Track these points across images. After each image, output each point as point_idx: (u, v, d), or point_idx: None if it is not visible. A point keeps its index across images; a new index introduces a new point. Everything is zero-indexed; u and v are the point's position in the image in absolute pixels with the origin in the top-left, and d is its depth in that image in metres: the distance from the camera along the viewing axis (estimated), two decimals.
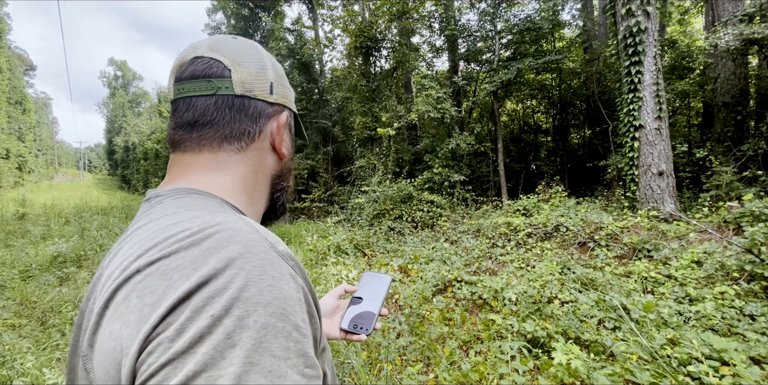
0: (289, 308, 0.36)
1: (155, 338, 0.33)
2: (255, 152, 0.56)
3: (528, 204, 6.69)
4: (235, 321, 0.33)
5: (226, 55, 0.54)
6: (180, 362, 0.31)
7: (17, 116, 32.84)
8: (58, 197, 16.93)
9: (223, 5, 21.22)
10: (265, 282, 0.36)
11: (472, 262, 4.82)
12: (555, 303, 3.14)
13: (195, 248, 0.38)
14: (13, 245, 6.14)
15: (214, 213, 0.45)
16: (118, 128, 51.89)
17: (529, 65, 8.73)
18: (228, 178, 0.54)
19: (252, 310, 0.34)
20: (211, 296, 0.34)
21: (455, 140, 8.64)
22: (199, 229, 0.40)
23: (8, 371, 2.31)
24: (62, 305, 3.49)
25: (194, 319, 0.33)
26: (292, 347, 0.35)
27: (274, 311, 0.35)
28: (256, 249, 0.38)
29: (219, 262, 0.36)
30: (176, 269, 0.36)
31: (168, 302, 0.34)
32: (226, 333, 0.32)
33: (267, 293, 0.35)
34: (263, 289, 0.35)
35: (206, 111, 0.53)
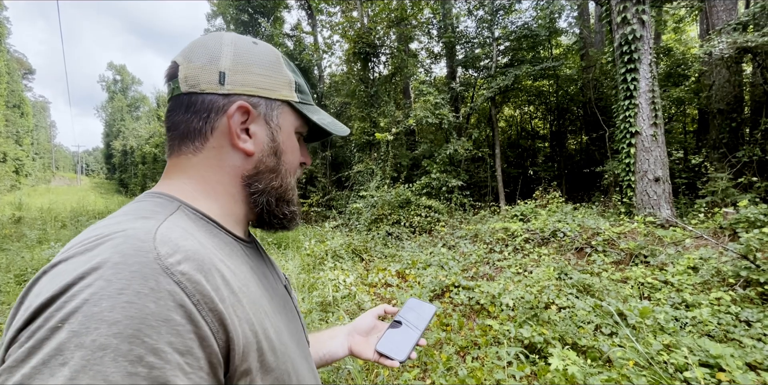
0: (147, 329, 0.32)
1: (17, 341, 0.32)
2: (213, 152, 0.52)
3: (525, 209, 6.71)
4: (71, 337, 0.31)
5: (182, 53, 0.52)
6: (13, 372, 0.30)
7: (15, 120, 32.79)
8: (54, 201, 16.86)
9: (223, 11, 21.34)
10: (123, 298, 0.33)
11: (469, 267, 4.82)
12: (552, 309, 3.14)
13: (86, 254, 0.36)
14: (8, 248, 6.11)
15: (140, 219, 0.42)
16: (117, 132, 51.86)
17: (526, 72, 8.81)
18: (188, 181, 0.52)
19: (93, 327, 0.31)
20: (62, 306, 0.32)
21: (453, 146, 8.68)
22: (106, 234, 0.38)
23: None
24: None
25: (41, 328, 0.32)
26: (142, 372, 0.31)
27: (120, 332, 0.31)
28: (133, 259, 0.35)
29: (85, 269, 0.34)
30: (61, 272, 0.35)
31: (34, 307, 0.33)
32: (58, 349, 0.30)
33: (119, 311, 0.32)
34: (116, 305, 0.32)
35: (169, 115, 0.53)
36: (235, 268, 0.47)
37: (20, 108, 35.26)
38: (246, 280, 0.48)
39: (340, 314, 3.49)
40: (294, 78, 0.58)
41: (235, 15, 20.29)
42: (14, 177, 28.91)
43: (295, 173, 0.61)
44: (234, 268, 0.47)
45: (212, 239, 0.48)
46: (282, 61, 0.58)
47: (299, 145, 0.61)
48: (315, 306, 3.70)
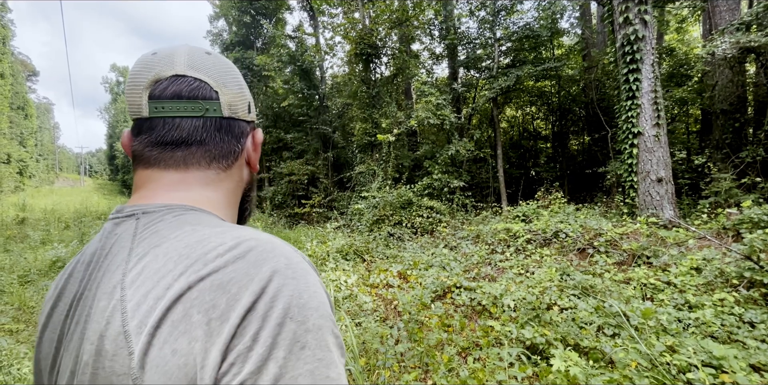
0: (329, 309, 0.42)
1: (233, 349, 0.36)
2: (237, 169, 0.60)
3: (527, 210, 6.69)
4: (298, 325, 0.38)
5: (210, 75, 0.55)
6: (264, 367, 0.35)
7: (19, 121, 32.98)
8: (58, 202, 16.94)
9: (225, 12, 21.43)
10: (311, 289, 0.41)
11: (471, 268, 4.81)
12: (554, 310, 3.13)
13: (242, 261, 0.41)
14: (12, 249, 6.14)
15: (234, 228, 0.48)
16: (120, 134, 52.03)
17: (528, 72, 8.80)
18: (217, 194, 0.57)
19: (309, 315, 0.39)
20: (272, 306, 0.38)
21: (455, 146, 8.67)
22: (236, 243, 0.43)
23: (5, 376, 2.30)
24: None
25: (264, 327, 0.37)
26: (338, 340, 0.41)
27: (323, 314, 0.40)
28: (296, 260, 0.43)
29: (271, 273, 0.40)
30: (231, 281, 0.39)
31: (236, 314, 0.37)
32: (293, 338, 0.37)
33: (314, 299, 0.40)
34: (311, 296, 0.40)
35: (194, 132, 0.54)
36: None
37: (24, 110, 35.47)
38: None
39: (341, 314, 3.48)
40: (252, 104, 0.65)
41: (237, 16, 20.38)
42: (18, 178, 29.06)
43: None
44: None
45: None
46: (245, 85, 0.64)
47: None
48: None
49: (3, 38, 27.94)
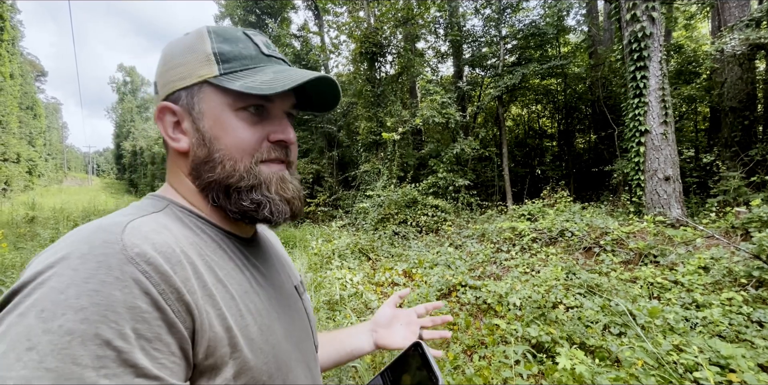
0: (113, 315, 0.34)
1: None
2: (170, 159, 0.55)
3: (533, 209, 6.67)
4: (38, 323, 0.32)
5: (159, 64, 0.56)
6: None
7: (28, 121, 33.39)
8: (66, 201, 17.16)
9: (231, 12, 21.50)
10: (89, 286, 0.34)
11: (476, 267, 4.81)
12: (560, 308, 3.13)
13: (60, 244, 0.38)
14: (23, 247, 6.23)
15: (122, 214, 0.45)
16: (127, 133, 52.56)
17: (533, 70, 8.76)
18: (168, 186, 0.55)
19: (60, 313, 0.32)
20: (28, 293, 0.34)
21: (460, 145, 8.65)
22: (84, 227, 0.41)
23: None
24: None
25: (9, 313, 0.33)
26: (111, 355, 0.33)
27: (87, 318, 0.33)
28: (99, 251, 0.37)
29: (53, 258, 0.36)
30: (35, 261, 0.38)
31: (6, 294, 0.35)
32: (26, 334, 0.31)
33: (85, 298, 0.33)
34: (83, 292, 0.33)
35: None
36: (218, 263, 0.48)
37: (33, 110, 35.90)
38: (227, 276, 0.48)
39: (347, 312, 3.50)
40: (216, 48, 0.50)
41: (242, 16, 20.43)
42: (27, 177, 29.44)
43: (252, 154, 0.51)
44: (216, 263, 0.48)
45: (197, 235, 0.49)
46: (205, 36, 0.52)
47: (256, 120, 0.52)
48: (322, 305, 3.72)
49: (12, 39, 28.27)
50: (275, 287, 0.57)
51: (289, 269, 0.67)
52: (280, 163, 0.55)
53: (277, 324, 0.52)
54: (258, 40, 0.54)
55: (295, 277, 0.68)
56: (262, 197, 0.52)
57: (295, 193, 0.55)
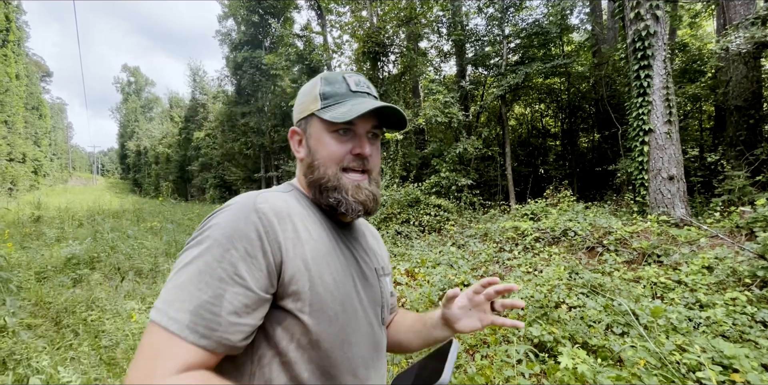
0: (236, 235, 0.59)
1: None
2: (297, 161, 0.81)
3: (536, 208, 6.65)
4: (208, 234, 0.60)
5: None
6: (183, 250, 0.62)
7: (33, 121, 33.60)
8: (72, 200, 17.27)
9: (234, 12, 21.53)
10: (229, 218, 0.62)
11: (479, 266, 4.81)
12: (562, 308, 3.12)
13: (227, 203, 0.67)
14: (29, 246, 6.29)
15: (263, 190, 0.72)
16: (131, 133, 52.82)
17: (537, 69, 8.73)
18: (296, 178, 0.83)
19: (216, 230, 0.60)
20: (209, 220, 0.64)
21: (463, 144, 8.64)
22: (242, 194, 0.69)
23: (24, 369, 2.37)
24: (75, 306, 3.57)
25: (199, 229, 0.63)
26: (227, 257, 0.58)
27: (224, 234, 0.59)
28: (242, 205, 0.64)
29: (222, 208, 0.65)
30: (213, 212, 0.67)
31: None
32: (199, 239, 0.60)
33: (227, 222, 0.61)
34: (227, 223, 0.61)
35: None
36: (311, 228, 0.70)
37: (38, 110, 36.10)
38: (318, 238, 0.69)
39: None
40: (321, 90, 0.74)
41: (246, 16, 20.48)
42: (33, 177, 29.63)
43: (338, 163, 0.73)
44: (309, 227, 0.69)
45: (305, 209, 0.72)
46: (318, 82, 0.76)
47: (344, 139, 0.73)
48: None
49: (18, 40, 28.44)
50: (357, 260, 0.77)
51: (374, 255, 0.85)
52: (362, 173, 0.75)
53: (348, 282, 0.71)
54: (351, 81, 0.76)
55: (379, 261, 0.85)
56: (341, 197, 0.72)
57: (369, 197, 0.74)
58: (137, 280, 4.59)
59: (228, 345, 0.56)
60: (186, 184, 30.51)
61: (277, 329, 0.63)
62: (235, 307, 0.56)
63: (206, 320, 0.54)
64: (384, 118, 0.77)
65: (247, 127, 20.11)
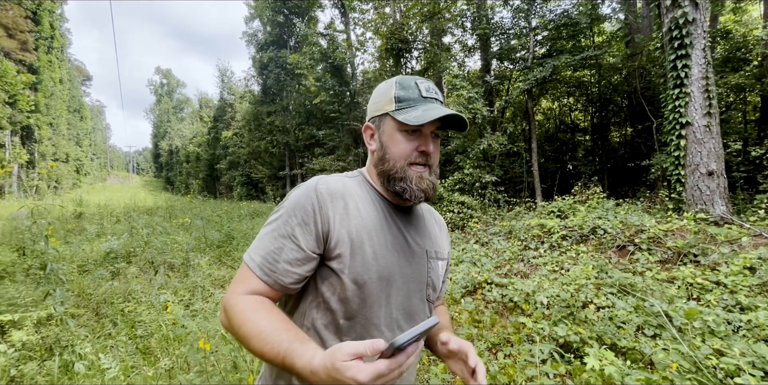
0: (298, 207, 0.80)
1: None
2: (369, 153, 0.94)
3: (563, 206, 6.46)
4: (282, 203, 0.83)
5: None
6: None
7: (75, 123, 35.54)
8: (110, 198, 18.19)
9: (260, 13, 21.95)
10: (298, 193, 0.82)
11: (503, 264, 4.73)
12: (590, 308, 3.03)
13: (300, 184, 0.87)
14: (72, 241, 6.68)
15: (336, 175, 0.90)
16: (163, 133, 54.99)
17: (565, 62, 8.44)
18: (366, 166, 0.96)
19: (287, 203, 0.82)
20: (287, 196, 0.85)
21: (487, 141, 8.49)
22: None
23: (69, 355, 2.53)
24: (114, 297, 3.77)
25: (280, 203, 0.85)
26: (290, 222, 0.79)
27: (291, 205, 0.81)
28: (307, 185, 0.83)
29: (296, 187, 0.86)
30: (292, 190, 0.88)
31: None
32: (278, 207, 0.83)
33: (293, 199, 0.81)
34: (295, 198, 0.82)
35: None
36: (362, 207, 0.84)
37: (80, 112, 38.13)
38: (366, 216, 0.83)
39: None
40: (396, 94, 0.85)
41: (271, 16, 20.84)
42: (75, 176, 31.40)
43: (406, 159, 0.84)
44: (361, 206, 0.84)
45: (363, 192, 0.88)
46: (394, 85, 0.87)
47: (412, 138, 0.84)
48: None
49: (61, 46, 30.08)
50: (406, 239, 0.88)
51: (429, 238, 0.95)
52: (424, 166, 0.86)
53: (391, 256, 0.83)
54: (422, 87, 0.86)
55: (434, 245, 0.95)
56: (406, 186, 0.84)
57: (429, 186, 0.86)
58: (169, 274, 4.80)
59: (282, 285, 0.78)
60: (215, 182, 31.51)
61: (324, 282, 0.81)
62: (289, 258, 0.77)
63: (270, 263, 0.78)
64: (447, 121, 0.85)
65: (273, 126, 20.52)
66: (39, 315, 2.92)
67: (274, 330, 0.68)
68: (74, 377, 2.30)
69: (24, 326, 2.79)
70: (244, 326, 0.71)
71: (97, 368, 2.37)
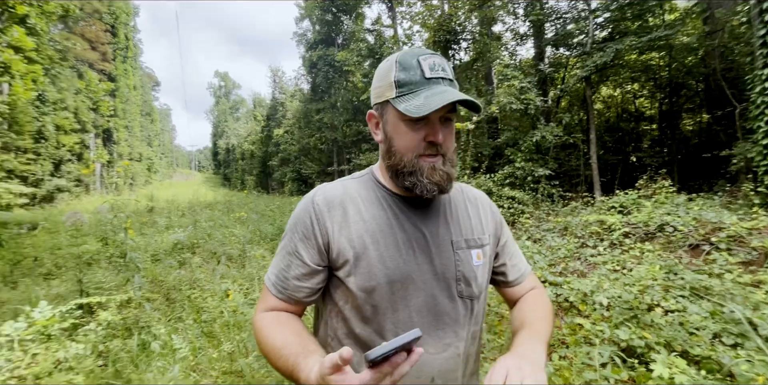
0: (298, 222, 0.81)
1: None
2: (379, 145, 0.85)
3: (626, 200, 6.01)
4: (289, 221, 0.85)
5: None
6: None
7: (147, 125, 39.02)
8: (176, 193, 19.80)
9: (309, 13, 22.54)
10: (298, 208, 0.83)
11: (557, 262, 4.51)
12: (657, 311, 2.79)
13: None
14: (146, 233, 7.38)
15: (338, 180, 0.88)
16: (221, 132, 58.63)
17: (630, 45, 7.75)
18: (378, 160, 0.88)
19: (290, 218, 0.84)
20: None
21: (540, 132, 8.09)
22: None
23: (146, 335, 2.81)
24: (182, 284, 4.11)
25: None
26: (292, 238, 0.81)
27: (292, 222, 0.83)
28: (305, 198, 0.84)
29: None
30: None
31: None
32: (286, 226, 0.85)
33: (295, 212, 0.83)
34: (296, 210, 0.84)
35: None
36: (365, 210, 0.80)
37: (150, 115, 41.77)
38: (369, 219, 0.79)
39: None
40: (396, 77, 0.74)
41: (320, 16, 21.34)
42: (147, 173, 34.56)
43: (414, 151, 0.75)
44: (363, 210, 0.80)
45: (368, 191, 0.83)
46: (393, 66, 0.75)
47: (417, 126, 0.74)
48: None
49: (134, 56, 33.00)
50: (424, 234, 0.81)
51: (457, 227, 0.85)
52: (436, 156, 0.76)
53: (404, 256, 0.78)
54: (425, 65, 0.73)
55: (463, 234, 0.85)
56: (416, 180, 0.75)
57: (443, 177, 0.76)
58: (228, 264, 5.13)
59: (296, 299, 0.80)
60: (267, 178, 33.11)
61: (337, 291, 0.81)
62: (297, 274, 0.79)
63: (281, 280, 0.81)
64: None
65: (321, 123, 21.10)
66: (121, 298, 3.26)
67: (285, 345, 0.70)
68: (150, 355, 2.55)
69: (109, 307, 3.14)
70: (261, 343, 0.76)
71: (170, 348, 2.60)
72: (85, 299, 3.08)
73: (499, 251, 0.94)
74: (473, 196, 0.97)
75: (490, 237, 0.90)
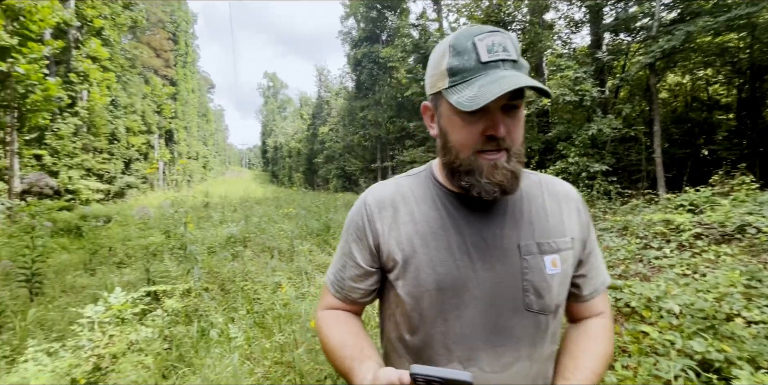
0: (351, 224, 0.81)
1: None
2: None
3: (697, 198, 5.47)
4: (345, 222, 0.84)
5: None
6: None
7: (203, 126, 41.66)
8: (228, 190, 20.96)
9: (354, 11, 22.79)
10: (352, 209, 0.82)
11: (616, 264, 4.21)
12: (737, 321, 2.51)
13: None
14: (202, 227, 7.88)
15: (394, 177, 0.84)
16: (270, 131, 61.17)
17: (703, 26, 7.01)
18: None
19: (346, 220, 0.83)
20: None
21: (597, 125, 7.58)
22: None
23: (204, 323, 2.99)
24: (235, 276, 4.34)
25: None
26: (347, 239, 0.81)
27: (347, 223, 0.82)
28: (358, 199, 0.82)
29: None
30: None
31: None
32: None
33: (350, 214, 0.83)
34: (350, 211, 0.83)
35: None
36: (418, 211, 0.75)
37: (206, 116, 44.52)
38: (421, 220, 0.74)
39: None
40: (448, 65, 0.64)
41: (365, 13, 21.51)
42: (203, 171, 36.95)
43: (471, 147, 0.66)
44: (416, 210, 0.75)
45: (424, 189, 0.78)
46: (447, 52, 0.65)
47: (474, 119, 0.64)
48: None
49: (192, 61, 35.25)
50: (484, 238, 0.72)
51: (527, 228, 0.73)
52: (498, 151, 0.66)
53: (455, 261, 0.71)
54: (482, 47, 0.62)
55: (535, 237, 0.73)
56: (474, 181, 0.67)
57: (506, 176, 0.66)
58: (278, 258, 5.34)
59: (351, 299, 0.82)
60: (313, 175, 34.10)
61: (390, 294, 0.80)
62: (351, 275, 0.80)
63: (338, 280, 0.82)
64: None
65: (366, 120, 21.31)
66: (183, 287, 3.50)
67: (343, 346, 0.74)
68: (209, 342, 2.70)
69: (173, 295, 3.38)
70: (322, 341, 0.79)
71: (226, 336, 2.74)
72: (153, 287, 3.33)
73: (583, 259, 0.80)
74: (555, 190, 0.80)
75: (574, 241, 0.76)
